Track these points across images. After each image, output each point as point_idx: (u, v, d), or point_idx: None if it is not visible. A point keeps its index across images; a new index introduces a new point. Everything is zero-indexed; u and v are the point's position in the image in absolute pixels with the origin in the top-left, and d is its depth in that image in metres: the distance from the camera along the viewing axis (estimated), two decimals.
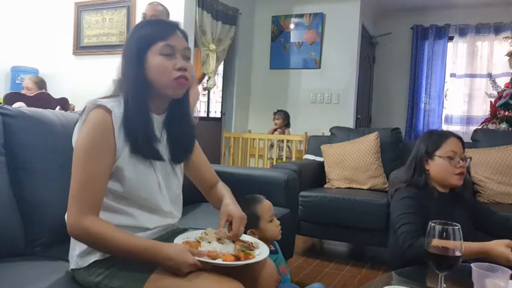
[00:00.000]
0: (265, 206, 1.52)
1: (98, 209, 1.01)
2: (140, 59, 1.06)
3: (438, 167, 1.53)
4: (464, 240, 0.97)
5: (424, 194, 1.53)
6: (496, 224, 1.57)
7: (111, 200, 1.06)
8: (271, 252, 1.40)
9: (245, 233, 1.28)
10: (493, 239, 1.30)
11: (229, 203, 1.16)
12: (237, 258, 0.99)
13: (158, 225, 1.12)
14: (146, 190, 1.08)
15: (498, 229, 1.54)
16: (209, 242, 1.05)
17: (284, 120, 4.61)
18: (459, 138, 1.56)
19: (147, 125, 1.07)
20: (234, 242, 1.08)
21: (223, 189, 1.27)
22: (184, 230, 1.20)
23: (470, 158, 1.56)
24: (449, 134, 1.57)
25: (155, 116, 1.12)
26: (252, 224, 1.42)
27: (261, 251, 1.08)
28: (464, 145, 1.56)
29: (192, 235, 1.11)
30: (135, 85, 1.06)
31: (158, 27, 1.09)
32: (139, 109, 1.06)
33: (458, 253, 0.97)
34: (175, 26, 1.11)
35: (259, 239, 1.29)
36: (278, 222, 1.53)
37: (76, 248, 1.06)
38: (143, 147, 1.06)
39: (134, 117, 1.04)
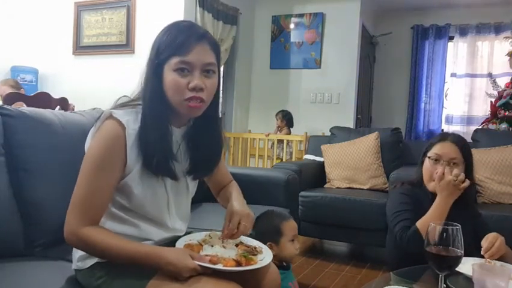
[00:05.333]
0: (290, 225, 1.51)
1: (98, 220, 0.99)
2: (158, 71, 0.99)
3: (424, 168, 1.54)
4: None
5: (419, 191, 1.54)
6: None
7: (118, 210, 1.04)
8: (281, 268, 1.37)
9: (266, 244, 1.27)
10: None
11: (234, 203, 1.12)
12: (238, 264, 0.97)
13: (163, 237, 1.10)
14: (153, 208, 1.06)
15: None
16: (212, 246, 1.04)
17: (282, 120, 4.61)
18: (457, 144, 1.51)
19: (165, 141, 1.01)
20: (237, 246, 1.07)
21: (231, 188, 1.23)
22: (189, 233, 1.18)
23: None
24: (445, 138, 1.54)
25: (174, 129, 1.06)
26: (273, 238, 1.43)
27: (264, 256, 1.06)
28: (462, 150, 1.50)
29: (195, 237, 1.10)
30: (152, 99, 0.99)
31: (179, 38, 0.97)
32: (157, 124, 0.99)
33: (458, 253, 0.97)
34: (199, 37, 0.99)
35: (274, 255, 1.27)
36: (298, 245, 1.52)
37: (78, 250, 1.05)
38: (157, 165, 1.00)
39: (151, 132, 0.98)
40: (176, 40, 0.98)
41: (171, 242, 1.11)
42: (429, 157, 1.52)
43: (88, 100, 2.97)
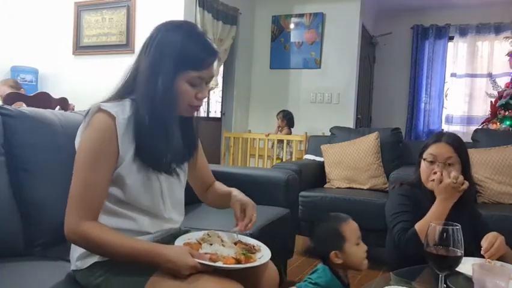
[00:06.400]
0: (350, 226, 1.32)
1: (97, 214, 1.00)
2: (174, 77, 1.02)
3: (421, 169, 1.54)
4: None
5: (418, 191, 1.55)
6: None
7: (113, 204, 1.05)
8: (342, 285, 1.27)
9: (328, 255, 1.23)
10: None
11: (239, 194, 1.19)
12: (238, 261, 0.98)
13: (159, 230, 1.11)
14: (147, 198, 1.07)
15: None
16: (210, 244, 1.04)
17: (283, 120, 4.61)
18: (451, 144, 1.50)
19: (171, 142, 1.05)
20: (235, 244, 1.08)
21: (220, 185, 1.29)
22: (186, 232, 1.19)
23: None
24: (439, 138, 1.53)
25: None
26: (336, 245, 1.26)
27: (263, 255, 1.07)
28: (457, 150, 1.50)
29: (193, 236, 1.11)
30: (167, 101, 1.02)
31: (200, 55, 1.04)
32: (167, 125, 1.03)
33: (458, 253, 0.97)
34: (215, 57, 1.07)
35: (341, 264, 1.23)
36: (365, 247, 1.33)
37: (77, 249, 1.05)
38: (165, 165, 1.06)
39: (160, 133, 1.02)
40: (198, 56, 1.04)
41: (168, 238, 1.12)
42: (424, 159, 1.52)
43: (88, 100, 2.95)
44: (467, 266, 1.06)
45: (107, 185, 1.01)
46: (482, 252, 1.28)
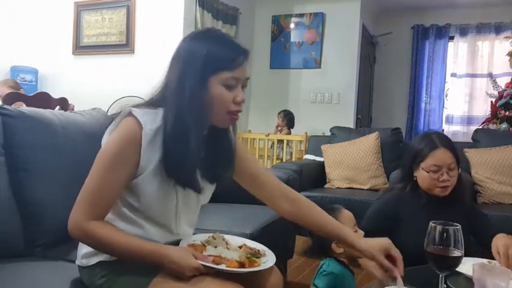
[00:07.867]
0: (345, 215, 1.40)
1: (103, 216, 1.00)
2: (205, 81, 0.98)
3: (422, 178, 1.51)
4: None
5: (411, 196, 1.53)
6: (488, 236, 1.43)
7: (124, 207, 1.04)
8: (350, 272, 1.29)
9: (329, 247, 1.24)
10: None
11: (367, 242, 1.17)
12: (241, 265, 0.97)
13: (167, 241, 1.09)
14: (161, 211, 1.06)
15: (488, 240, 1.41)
16: (215, 247, 1.04)
17: (283, 119, 4.61)
18: (449, 148, 1.49)
19: (199, 153, 1.01)
20: (240, 247, 1.07)
21: (326, 214, 1.24)
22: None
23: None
24: (437, 146, 1.49)
25: None
26: None
27: (268, 259, 1.06)
28: (456, 154, 1.50)
29: (198, 238, 1.10)
30: (197, 109, 0.98)
31: (230, 54, 1.00)
32: (197, 136, 0.99)
33: (458, 253, 0.97)
34: (246, 56, 1.02)
35: (343, 254, 1.26)
36: (362, 232, 1.38)
37: (83, 247, 1.05)
38: (186, 180, 1.02)
39: (188, 144, 0.97)
40: (228, 55, 1.00)
41: (174, 242, 1.11)
42: (428, 171, 1.48)
43: (87, 100, 2.97)
44: (467, 266, 1.06)
45: (120, 190, 1.00)
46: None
